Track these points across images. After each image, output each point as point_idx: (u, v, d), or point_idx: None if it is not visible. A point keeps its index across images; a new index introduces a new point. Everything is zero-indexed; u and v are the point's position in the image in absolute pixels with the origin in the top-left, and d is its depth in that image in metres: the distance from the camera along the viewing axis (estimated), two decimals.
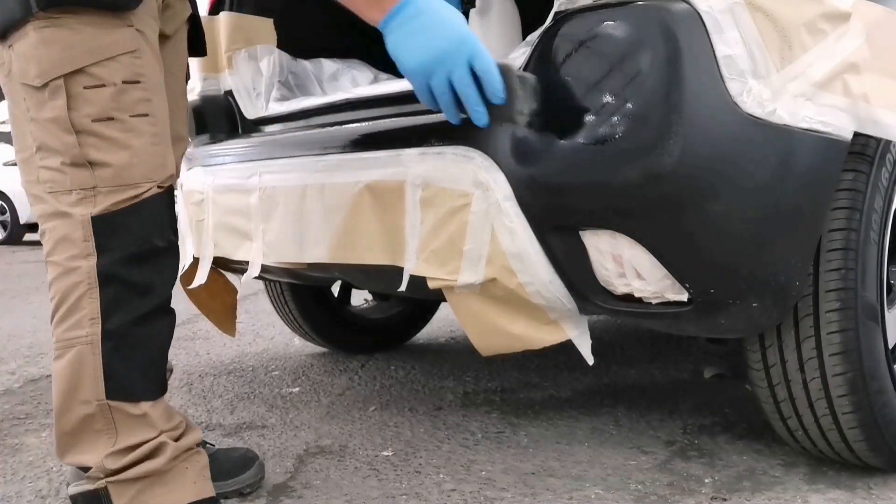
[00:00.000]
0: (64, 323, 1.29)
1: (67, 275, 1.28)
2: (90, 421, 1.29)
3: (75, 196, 1.26)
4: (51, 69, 1.23)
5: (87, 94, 1.24)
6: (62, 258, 1.28)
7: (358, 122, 1.68)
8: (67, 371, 1.29)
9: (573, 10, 1.34)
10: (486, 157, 1.37)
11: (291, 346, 3.05)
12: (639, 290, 1.35)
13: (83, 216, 1.26)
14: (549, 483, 1.58)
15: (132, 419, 1.29)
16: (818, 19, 1.30)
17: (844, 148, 1.33)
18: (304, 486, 1.60)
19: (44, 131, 1.26)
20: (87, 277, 1.27)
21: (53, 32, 1.23)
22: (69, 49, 1.23)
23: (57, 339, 1.30)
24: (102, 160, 1.26)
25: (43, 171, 1.28)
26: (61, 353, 1.30)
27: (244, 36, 2.04)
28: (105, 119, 1.25)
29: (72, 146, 1.25)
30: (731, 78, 1.24)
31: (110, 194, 1.27)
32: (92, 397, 1.28)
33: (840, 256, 1.40)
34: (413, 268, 1.48)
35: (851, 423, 1.46)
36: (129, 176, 1.27)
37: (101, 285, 1.27)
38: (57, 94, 1.24)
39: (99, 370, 1.27)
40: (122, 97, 1.26)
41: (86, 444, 1.30)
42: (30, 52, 1.24)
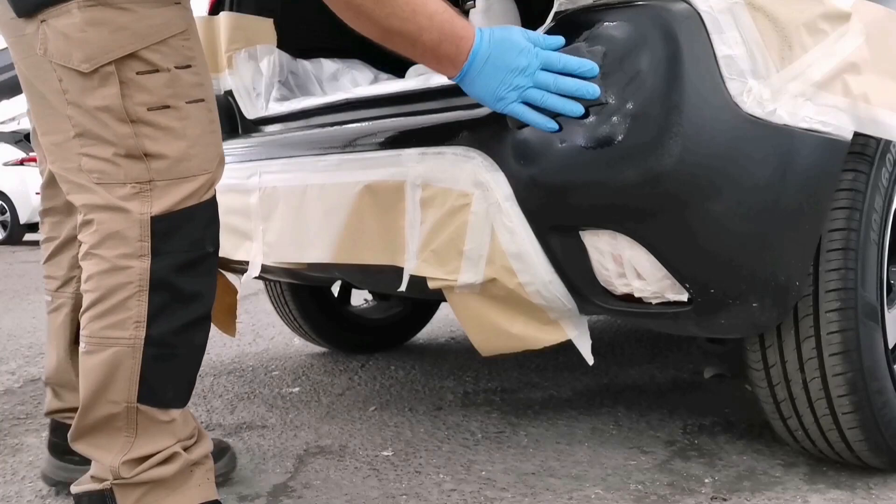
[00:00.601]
0: (103, 320, 1.23)
1: (115, 272, 1.21)
2: (113, 420, 1.25)
3: (130, 190, 1.19)
4: (100, 54, 1.15)
5: (140, 81, 1.17)
6: (111, 254, 1.21)
7: (358, 122, 1.68)
8: (101, 370, 1.23)
9: (573, 9, 1.34)
10: (485, 157, 1.37)
11: (291, 346, 3.05)
12: (639, 290, 1.35)
13: (142, 215, 1.19)
14: (549, 483, 1.58)
15: (156, 425, 1.26)
16: (818, 19, 1.30)
17: (844, 148, 1.33)
18: (304, 486, 1.60)
19: (91, 119, 1.18)
20: (139, 279, 1.21)
21: (102, 13, 1.15)
22: (118, 31, 1.15)
23: (91, 334, 1.24)
24: (158, 151, 1.19)
25: (87, 160, 1.20)
26: (94, 349, 1.23)
27: (244, 36, 2.04)
28: (160, 107, 1.19)
29: (126, 137, 1.18)
30: (731, 78, 1.24)
31: (167, 188, 1.20)
32: (122, 399, 1.24)
33: (840, 256, 1.40)
34: (413, 268, 1.48)
35: (851, 422, 1.46)
36: (186, 168, 1.21)
37: (151, 289, 1.21)
38: (108, 82, 1.16)
39: (136, 375, 1.23)
40: (176, 83, 1.20)
41: (102, 441, 1.27)
42: (74, 33, 1.15)
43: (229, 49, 2.01)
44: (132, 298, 1.21)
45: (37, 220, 11.47)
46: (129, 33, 1.15)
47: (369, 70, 2.27)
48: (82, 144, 1.20)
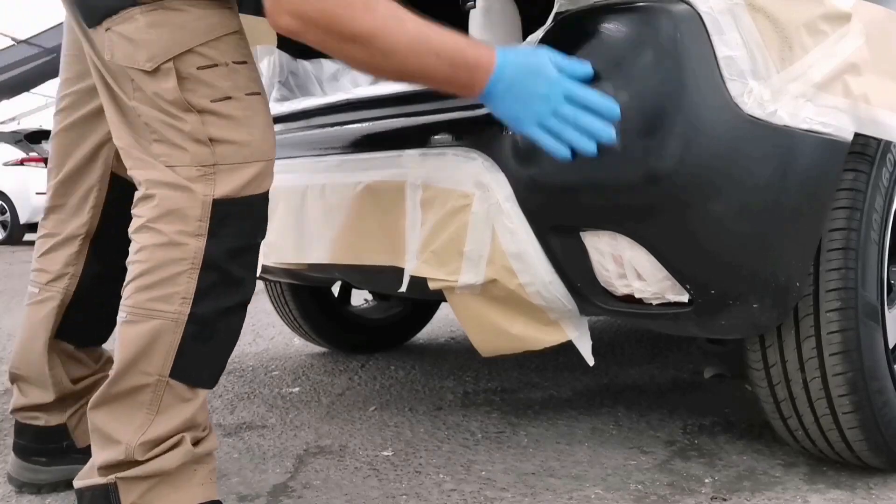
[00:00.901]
0: (149, 292, 1.26)
1: (170, 247, 1.25)
2: (139, 392, 1.27)
3: (196, 171, 1.25)
4: (162, 52, 1.23)
5: (201, 75, 1.25)
6: (170, 229, 1.25)
7: (358, 122, 1.68)
8: (141, 341, 1.26)
9: (574, 10, 1.34)
10: (486, 157, 1.37)
11: (291, 346, 3.05)
12: (639, 291, 1.35)
13: (205, 196, 1.25)
14: (549, 483, 1.58)
15: (178, 403, 1.28)
16: (818, 20, 1.30)
17: (845, 149, 1.33)
18: (304, 486, 1.60)
19: (160, 112, 1.25)
20: (193, 257, 1.25)
21: (162, 15, 1.23)
22: (178, 30, 1.24)
23: (134, 304, 1.26)
24: (223, 137, 1.26)
25: (157, 145, 1.27)
26: (137, 319, 1.26)
27: None
28: (223, 98, 1.26)
29: (193, 123, 1.25)
30: (732, 79, 1.24)
31: (230, 173, 1.27)
32: (155, 371, 1.26)
33: (840, 256, 1.40)
34: (413, 268, 1.48)
35: (851, 422, 1.46)
36: (249, 153, 1.28)
37: (202, 268, 1.25)
38: (168, 77, 1.24)
39: (173, 349, 1.26)
40: (235, 76, 1.27)
41: (123, 413, 1.28)
42: (138, 36, 1.24)
43: None
44: (183, 275, 1.25)
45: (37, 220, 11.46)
46: (187, 32, 1.24)
47: None
48: (152, 131, 1.27)
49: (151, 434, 1.26)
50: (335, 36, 1.18)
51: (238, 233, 1.28)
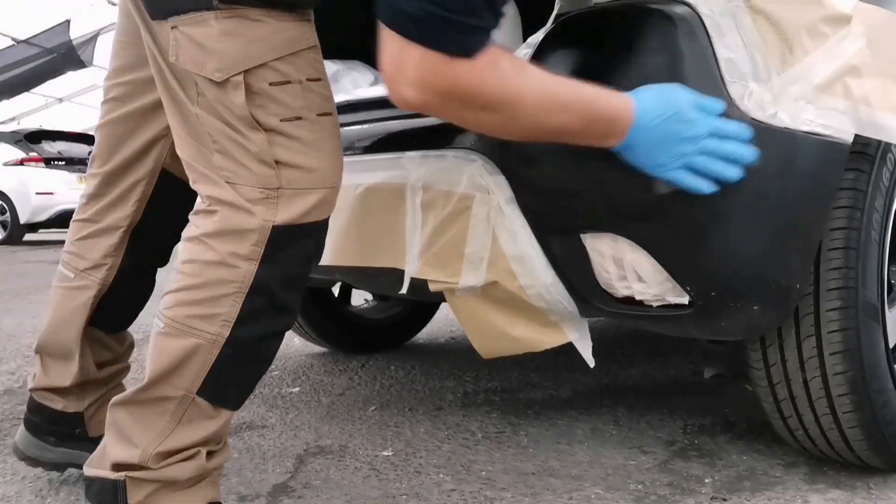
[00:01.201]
0: (192, 308, 1.23)
1: (220, 267, 1.21)
2: (164, 402, 1.25)
3: (259, 194, 1.20)
4: (234, 64, 1.17)
5: (272, 92, 1.19)
6: (224, 249, 1.21)
7: (358, 124, 1.68)
8: (175, 355, 1.23)
9: (575, 12, 1.34)
10: (487, 159, 1.37)
11: (291, 346, 3.06)
12: (640, 293, 1.35)
13: (265, 221, 1.20)
14: (549, 483, 1.58)
15: (200, 419, 1.26)
16: (819, 22, 1.30)
17: (845, 150, 1.33)
18: (304, 486, 1.60)
19: (224, 125, 1.20)
20: (242, 281, 1.21)
21: (238, 24, 1.17)
22: (253, 43, 1.18)
23: (175, 318, 1.23)
24: (290, 161, 1.20)
25: (219, 157, 1.21)
26: (174, 333, 1.23)
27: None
28: (293, 118, 1.20)
29: (260, 143, 1.19)
30: (733, 81, 1.24)
31: (293, 198, 1.21)
32: (183, 387, 1.24)
33: (841, 255, 1.40)
34: (414, 270, 1.48)
35: (852, 422, 1.46)
36: (314, 180, 1.22)
37: (249, 293, 1.21)
38: (238, 91, 1.17)
39: (206, 369, 1.23)
40: (308, 95, 1.21)
41: (144, 417, 1.26)
42: (210, 43, 1.17)
43: None
44: (228, 298, 1.21)
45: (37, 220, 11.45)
46: (263, 45, 1.17)
47: (370, 71, 2.26)
48: (216, 145, 1.21)
49: (169, 445, 1.25)
50: (464, 105, 1.11)
51: (292, 260, 1.24)
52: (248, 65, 1.17)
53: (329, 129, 1.24)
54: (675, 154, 1.20)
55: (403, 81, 1.07)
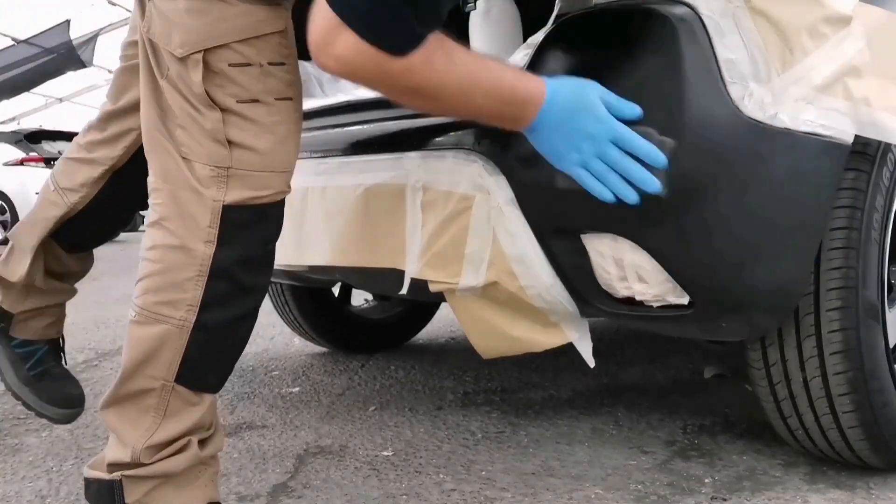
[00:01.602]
0: (157, 295, 1.24)
1: (180, 251, 1.23)
2: (145, 395, 1.27)
3: (209, 171, 1.22)
4: (195, 41, 1.19)
5: (231, 73, 1.20)
6: (181, 231, 1.23)
7: (359, 124, 1.68)
8: (147, 343, 1.25)
9: (575, 13, 1.34)
10: (487, 160, 1.37)
11: (291, 346, 3.06)
12: (640, 294, 1.35)
13: (215, 202, 1.21)
14: (549, 483, 1.58)
15: (185, 407, 1.28)
16: (819, 23, 1.30)
17: (845, 151, 1.33)
18: (304, 486, 1.60)
19: (183, 101, 1.22)
20: (201, 264, 1.22)
21: (205, 3, 1.19)
22: (218, 22, 1.19)
23: (143, 306, 1.25)
24: (243, 142, 1.22)
25: (181, 132, 1.23)
26: (144, 321, 1.25)
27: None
28: (250, 101, 1.21)
29: (214, 121, 1.21)
30: (733, 82, 1.24)
31: (245, 179, 1.22)
32: (160, 376, 1.25)
33: (841, 255, 1.40)
34: (414, 271, 1.48)
35: (852, 422, 1.46)
36: (267, 163, 1.23)
37: (210, 276, 1.23)
38: (196, 68, 1.19)
39: (179, 355, 1.25)
40: (268, 79, 1.22)
41: (131, 415, 1.28)
42: (176, 17, 1.20)
43: None
44: (190, 282, 1.22)
45: None
46: (228, 25, 1.19)
47: None
48: (175, 116, 1.23)
49: (157, 438, 1.26)
50: (388, 88, 1.14)
51: (250, 241, 1.25)
52: (209, 44, 1.18)
53: (287, 114, 1.25)
54: (573, 147, 1.20)
55: (329, 55, 1.09)
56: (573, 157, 1.21)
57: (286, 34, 1.24)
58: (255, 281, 1.28)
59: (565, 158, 1.22)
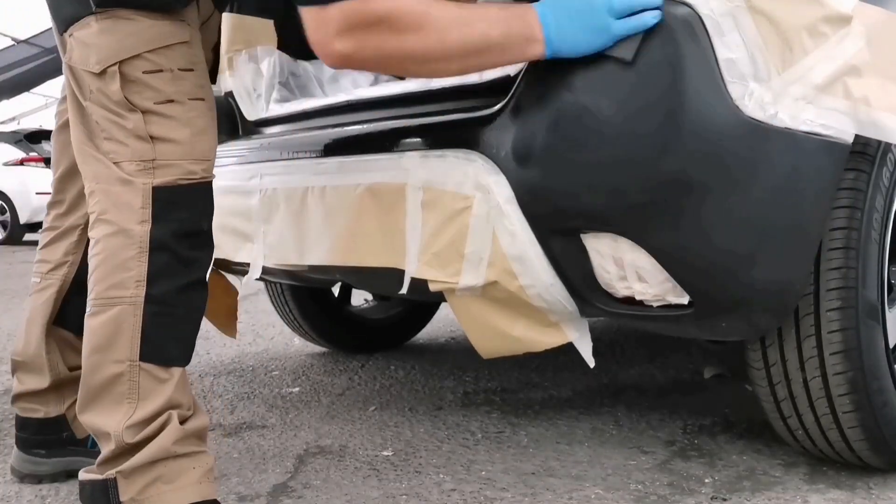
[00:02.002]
0: (106, 281, 1.33)
1: (119, 235, 1.33)
2: (117, 382, 1.32)
3: (136, 166, 1.34)
4: (109, 56, 1.33)
5: (146, 79, 1.34)
6: (118, 218, 1.34)
7: (359, 123, 1.68)
8: (105, 328, 1.32)
9: None
10: (487, 159, 1.37)
11: (291, 346, 3.06)
12: (640, 293, 1.35)
13: (145, 185, 1.33)
14: (549, 483, 1.58)
15: (157, 385, 1.33)
16: (819, 22, 1.30)
17: (845, 150, 1.33)
18: (304, 486, 1.60)
19: (107, 112, 1.35)
20: (140, 242, 1.32)
21: (113, 23, 1.33)
22: (127, 37, 1.33)
23: (96, 297, 1.34)
24: (163, 135, 1.34)
25: (106, 143, 1.36)
26: (100, 310, 1.33)
27: (244, 37, 2.03)
28: (166, 101, 1.34)
29: (136, 121, 1.33)
30: (733, 81, 1.24)
31: (169, 167, 1.34)
32: (125, 357, 1.32)
33: (841, 255, 1.40)
34: (414, 270, 1.48)
35: (852, 422, 1.46)
36: (187, 152, 1.36)
37: (151, 251, 1.32)
38: (114, 79, 1.33)
39: (137, 331, 1.32)
40: (180, 82, 1.36)
41: (107, 406, 1.33)
42: (91, 40, 1.34)
43: (230, 50, 2.01)
44: (133, 259, 1.32)
45: (37, 220, 11.44)
46: (135, 39, 1.33)
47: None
48: (102, 129, 1.36)
49: (137, 418, 1.31)
50: (392, 32, 1.21)
51: (183, 217, 1.35)
52: (123, 56, 1.33)
53: (201, 112, 1.39)
54: (593, 27, 1.24)
55: (331, 39, 1.21)
56: (601, 37, 1.24)
57: (191, 45, 1.39)
58: (194, 254, 1.38)
59: (596, 42, 1.25)
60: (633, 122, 1.25)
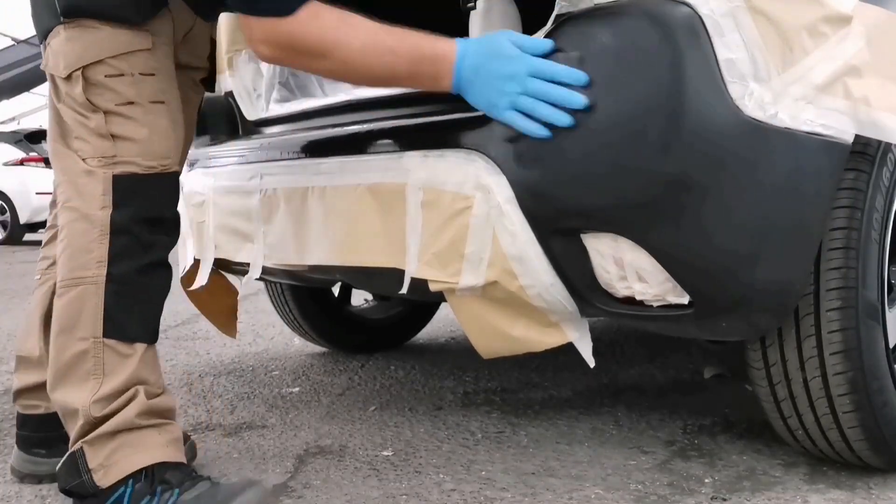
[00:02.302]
0: (70, 263, 1.42)
1: (82, 220, 1.42)
2: (83, 359, 1.40)
3: (98, 162, 1.43)
4: (74, 62, 1.43)
5: (108, 82, 1.43)
6: (81, 205, 1.43)
7: (359, 123, 1.68)
8: (70, 308, 1.41)
9: (574, 12, 1.34)
10: (487, 159, 1.37)
11: (291, 346, 3.06)
12: (640, 293, 1.35)
13: (105, 174, 1.42)
14: (549, 483, 1.58)
15: (121, 360, 1.40)
16: (819, 22, 1.30)
17: (845, 150, 1.33)
18: (304, 486, 1.60)
19: (74, 112, 1.45)
20: (101, 225, 1.41)
21: (80, 32, 1.44)
22: (91, 45, 1.43)
23: (62, 279, 1.43)
24: (124, 134, 1.43)
25: (76, 141, 1.45)
26: (64, 291, 1.42)
27: (244, 36, 2.03)
28: (126, 103, 1.44)
29: (97, 121, 1.43)
30: (733, 81, 1.24)
31: (129, 162, 1.43)
32: (89, 334, 1.40)
33: (841, 255, 1.40)
34: (414, 270, 1.48)
35: (852, 422, 1.46)
36: (147, 151, 1.45)
37: (112, 233, 1.41)
38: (77, 83, 1.43)
39: (100, 309, 1.40)
40: (141, 85, 1.45)
41: (74, 383, 1.40)
42: (59, 47, 1.45)
43: (230, 50, 2.01)
44: (95, 241, 1.41)
45: (37, 220, 11.44)
46: (99, 47, 1.43)
47: None
48: (71, 129, 1.46)
49: (103, 392, 1.38)
50: (302, 54, 1.35)
51: (142, 205, 1.44)
52: (86, 61, 1.43)
53: (162, 114, 1.48)
54: (500, 91, 1.31)
55: (255, 44, 1.36)
56: (503, 101, 1.31)
57: (154, 52, 1.47)
58: (154, 237, 1.46)
59: (497, 105, 1.32)
60: (633, 121, 1.25)
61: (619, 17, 1.29)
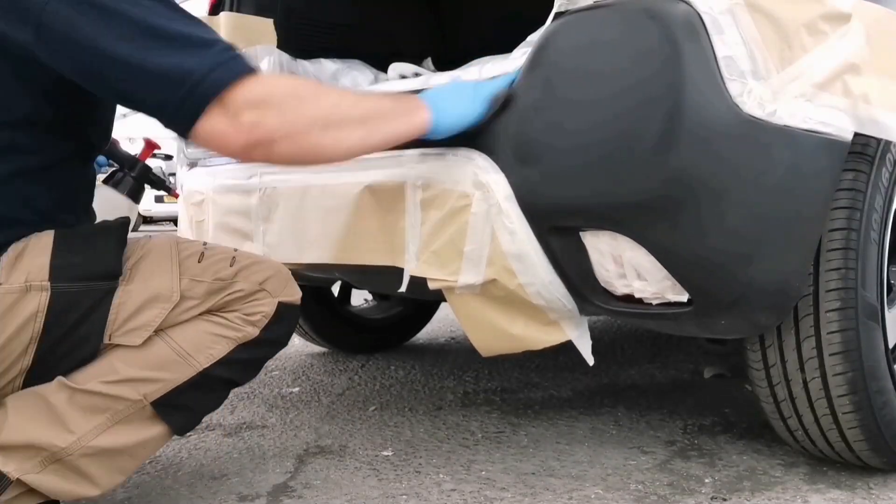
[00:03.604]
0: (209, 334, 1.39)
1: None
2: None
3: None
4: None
5: None
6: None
7: None
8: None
9: (573, 10, 1.34)
10: (486, 158, 1.37)
11: (291, 346, 3.05)
12: (639, 291, 1.35)
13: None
14: (548, 483, 1.58)
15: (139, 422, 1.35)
16: (818, 20, 1.30)
17: (844, 148, 1.33)
18: (304, 486, 1.60)
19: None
20: (242, 336, 1.39)
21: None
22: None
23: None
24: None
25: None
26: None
27: (244, 36, 2.03)
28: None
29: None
30: (732, 79, 1.24)
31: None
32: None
33: (840, 256, 1.40)
34: (413, 268, 1.48)
35: (851, 422, 1.46)
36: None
37: (242, 344, 1.39)
38: None
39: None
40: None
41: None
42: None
43: None
44: (225, 340, 1.38)
45: None
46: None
47: (370, 70, 2.27)
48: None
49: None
50: (274, 106, 1.22)
51: (275, 343, 1.45)
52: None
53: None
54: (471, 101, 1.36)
55: (247, 146, 1.20)
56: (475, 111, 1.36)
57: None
58: (250, 375, 1.48)
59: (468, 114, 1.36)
60: (631, 119, 1.25)
61: (618, 15, 1.29)
